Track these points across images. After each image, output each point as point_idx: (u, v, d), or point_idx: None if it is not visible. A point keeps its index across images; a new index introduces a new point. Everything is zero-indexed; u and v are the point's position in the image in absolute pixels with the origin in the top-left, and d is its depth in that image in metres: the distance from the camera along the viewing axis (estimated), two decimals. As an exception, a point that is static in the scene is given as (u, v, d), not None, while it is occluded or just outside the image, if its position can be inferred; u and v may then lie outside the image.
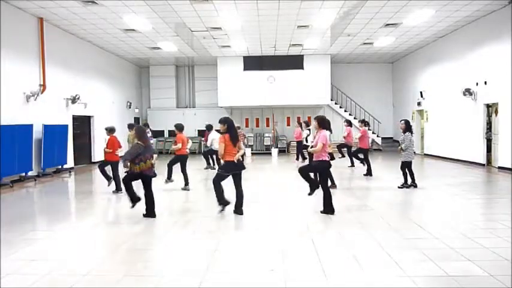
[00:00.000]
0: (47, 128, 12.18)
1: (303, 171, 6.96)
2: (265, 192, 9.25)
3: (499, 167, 12.37)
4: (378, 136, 21.12)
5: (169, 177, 9.68)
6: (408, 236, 5.45)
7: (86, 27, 13.48)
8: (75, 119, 14.90)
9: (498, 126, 12.53)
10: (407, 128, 9.23)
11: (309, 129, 12.98)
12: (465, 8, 11.87)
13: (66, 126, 13.64)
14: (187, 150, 9.80)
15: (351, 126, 12.60)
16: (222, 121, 6.86)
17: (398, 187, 9.29)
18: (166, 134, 21.55)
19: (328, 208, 6.79)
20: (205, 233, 5.87)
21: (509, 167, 11.66)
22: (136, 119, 21.56)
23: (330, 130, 9.47)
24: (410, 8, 11.84)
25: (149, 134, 12.87)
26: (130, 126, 11.91)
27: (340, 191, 9.51)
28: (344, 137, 12.52)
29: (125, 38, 15.09)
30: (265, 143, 20.79)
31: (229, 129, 6.78)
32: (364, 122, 12.36)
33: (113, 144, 9.10)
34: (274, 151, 19.51)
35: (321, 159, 6.73)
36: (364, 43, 16.77)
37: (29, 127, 11.41)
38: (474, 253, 4.69)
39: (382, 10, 12.05)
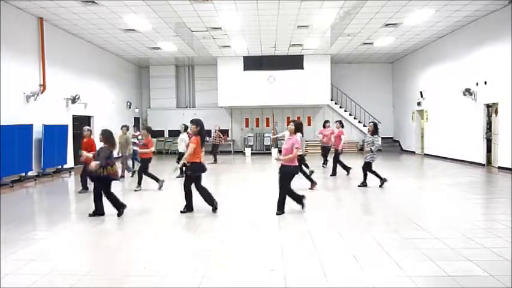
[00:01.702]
0: (47, 128, 12.18)
1: (288, 190, 6.89)
2: (265, 192, 9.23)
3: (499, 167, 12.37)
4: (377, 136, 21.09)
5: (139, 183, 9.64)
6: (408, 236, 5.45)
7: (86, 27, 13.48)
8: (75, 119, 14.89)
9: (498, 126, 12.53)
10: (376, 130, 9.48)
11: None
12: (465, 8, 11.87)
13: (66, 126, 13.64)
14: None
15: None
16: (194, 122, 6.90)
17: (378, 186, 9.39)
18: (166, 134, 21.57)
19: (281, 209, 6.83)
20: (206, 233, 5.87)
21: (509, 167, 11.66)
22: (137, 119, 21.57)
23: (302, 133, 9.65)
24: (411, 8, 11.84)
25: (139, 136, 12.81)
26: (123, 128, 11.97)
27: (340, 190, 9.52)
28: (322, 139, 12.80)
29: (125, 38, 15.09)
30: (265, 143, 20.80)
31: (201, 131, 6.85)
32: (341, 123, 12.34)
33: (88, 146, 8.98)
34: (274, 151, 19.50)
35: (293, 164, 6.74)
36: (364, 43, 16.77)
37: (29, 127, 11.41)
38: (474, 253, 4.70)
39: (382, 10, 12.05)
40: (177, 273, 4.29)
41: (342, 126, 12.14)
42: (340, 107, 21.34)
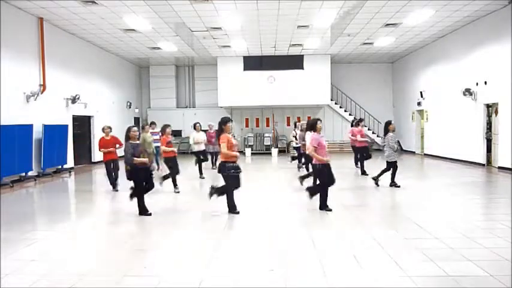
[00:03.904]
0: (47, 128, 12.18)
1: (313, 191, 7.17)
2: (265, 193, 9.23)
3: (499, 167, 12.37)
4: (378, 136, 21.12)
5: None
6: (408, 236, 5.45)
7: (86, 27, 13.48)
8: (75, 119, 14.90)
9: (498, 126, 12.53)
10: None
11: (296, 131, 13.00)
12: (465, 8, 11.87)
13: (66, 126, 13.64)
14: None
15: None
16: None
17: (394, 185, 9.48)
18: (166, 134, 21.53)
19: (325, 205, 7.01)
20: (205, 233, 5.87)
21: (509, 167, 11.66)
22: (136, 119, 21.57)
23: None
24: (410, 8, 11.84)
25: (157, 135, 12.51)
26: (142, 128, 11.94)
27: (340, 190, 9.50)
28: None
29: (125, 38, 15.09)
30: (265, 143, 20.80)
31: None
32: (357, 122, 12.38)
33: (115, 143, 9.57)
34: (274, 151, 19.52)
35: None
36: (364, 43, 16.77)
37: (29, 127, 11.41)
38: (474, 253, 4.70)
39: (382, 10, 12.05)
40: (177, 273, 4.29)
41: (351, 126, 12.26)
42: (340, 107, 21.34)
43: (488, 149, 13.31)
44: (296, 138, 12.71)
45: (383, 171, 9.50)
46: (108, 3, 10.95)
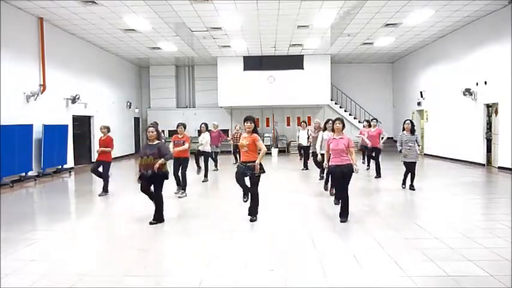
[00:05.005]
0: (47, 128, 12.18)
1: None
2: (265, 193, 9.21)
3: (499, 167, 12.37)
4: (378, 136, 21.12)
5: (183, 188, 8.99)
6: (408, 236, 5.45)
7: (86, 27, 13.48)
8: (75, 119, 14.89)
9: (498, 126, 12.53)
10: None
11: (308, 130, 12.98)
12: (465, 8, 11.87)
13: (66, 126, 13.64)
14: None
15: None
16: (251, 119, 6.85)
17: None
18: (166, 134, 21.53)
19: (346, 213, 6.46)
20: (205, 233, 5.86)
21: (509, 167, 11.66)
22: (136, 119, 21.57)
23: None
24: (410, 8, 11.84)
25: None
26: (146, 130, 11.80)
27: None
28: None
29: (125, 38, 15.09)
30: (265, 143, 20.76)
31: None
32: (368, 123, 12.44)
33: (107, 143, 9.13)
34: (274, 151, 19.52)
35: (349, 162, 6.36)
36: (364, 43, 16.77)
37: (29, 127, 11.41)
38: (474, 253, 4.70)
39: (382, 10, 12.05)
40: (177, 273, 4.29)
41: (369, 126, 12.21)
42: (340, 107, 21.34)
43: (488, 149, 13.31)
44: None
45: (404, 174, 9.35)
46: (108, 3, 10.96)
